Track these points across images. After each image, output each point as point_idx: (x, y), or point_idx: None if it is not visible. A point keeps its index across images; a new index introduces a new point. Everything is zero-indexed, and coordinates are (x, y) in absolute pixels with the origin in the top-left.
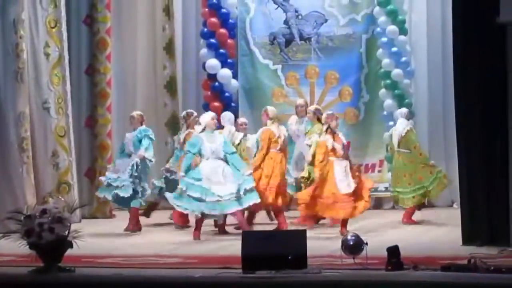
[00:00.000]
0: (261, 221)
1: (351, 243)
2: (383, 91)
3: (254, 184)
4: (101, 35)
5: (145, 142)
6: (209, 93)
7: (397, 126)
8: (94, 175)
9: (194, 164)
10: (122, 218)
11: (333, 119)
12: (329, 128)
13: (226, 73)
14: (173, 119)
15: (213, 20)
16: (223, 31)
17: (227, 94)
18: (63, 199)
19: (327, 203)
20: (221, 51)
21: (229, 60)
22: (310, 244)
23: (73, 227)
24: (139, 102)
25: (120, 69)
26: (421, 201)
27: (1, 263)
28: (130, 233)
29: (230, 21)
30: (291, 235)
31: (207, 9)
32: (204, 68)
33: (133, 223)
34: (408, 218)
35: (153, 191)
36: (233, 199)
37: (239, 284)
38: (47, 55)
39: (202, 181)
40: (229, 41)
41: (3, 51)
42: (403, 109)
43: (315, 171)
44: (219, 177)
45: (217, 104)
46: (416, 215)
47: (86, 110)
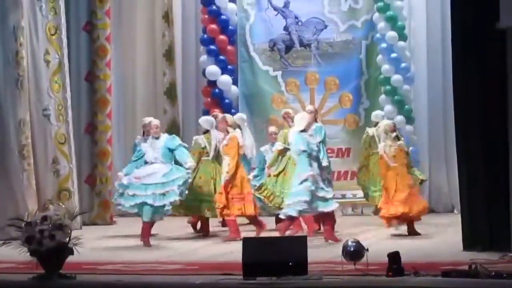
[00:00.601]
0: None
1: (352, 249)
2: (383, 97)
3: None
4: (101, 42)
5: (185, 151)
6: (209, 99)
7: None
8: (94, 181)
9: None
10: (122, 224)
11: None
12: None
13: (226, 79)
14: (173, 126)
15: (213, 26)
16: (223, 37)
17: (227, 100)
18: (63, 206)
19: None
20: (221, 57)
21: (229, 66)
22: (310, 250)
23: (74, 234)
24: (139, 108)
25: (120, 76)
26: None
27: (2, 270)
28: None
29: (230, 27)
30: (291, 241)
31: (206, 16)
32: (204, 74)
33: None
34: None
35: None
36: None
37: None
38: (47, 62)
39: None
40: (229, 48)
41: (3, 59)
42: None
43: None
44: None
45: (217, 110)
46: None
47: (86, 116)
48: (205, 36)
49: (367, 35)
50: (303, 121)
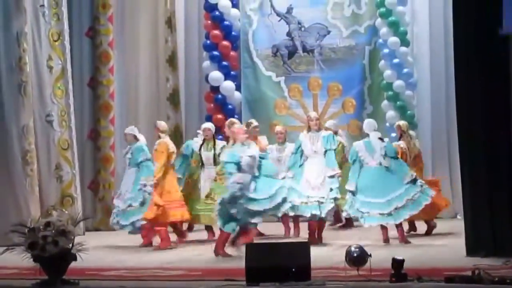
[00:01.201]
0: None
1: (355, 255)
2: (385, 102)
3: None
4: (103, 48)
5: None
6: (212, 105)
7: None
8: (97, 187)
9: None
10: (125, 231)
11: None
12: None
13: (229, 85)
14: (176, 131)
15: (216, 32)
16: (226, 43)
17: (230, 106)
18: (66, 212)
19: None
20: (224, 63)
21: (232, 72)
22: (314, 256)
23: (77, 239)
24: (141, 114)
25: (122, 82)
26: None
27: (5, 275)
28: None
29: (233, 33)
30: (295, 247)
31: (209, 22)
32: (207, 80)
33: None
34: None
35: None
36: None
37: None
38: (50, 68)
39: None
40: (232, 53)
41: (6, 64)
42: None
43: None
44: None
45: (220, 116)
46: (418, 225)
47: (89, 122)
48: (208, 41)
49: (370, 40)
50: None
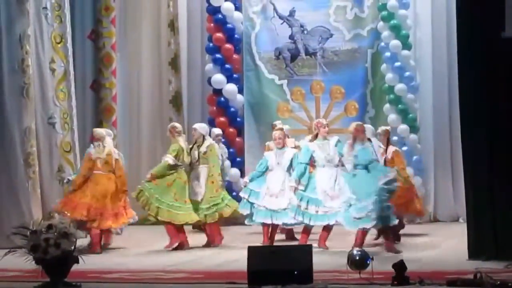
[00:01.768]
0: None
1: (357, 258)
2: (387, 106)
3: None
4: (106, 50)
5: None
6: (215, 108)
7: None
8: None
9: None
10: (128, 233)
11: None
12: None
13: (231, 88)
14: None
15: (219, 35)
16: (228, 46)
17: (232, 109)
18: (69, 214)
19: None
20: (227, 66)
21: (234, 75)
22: (316, 259)
23: (79, 242)
24: (144, 117)
25: (125, 84)
26: None
27: (7, 278)
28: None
29: (235, 36)
30: (297, 250)
31: (212, 24)
32: (209, 83)
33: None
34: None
35: None
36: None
37: None
38: (52, 71)
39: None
40: (235, 56)
41: (9, 67)
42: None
43: None
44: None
45: (222, 119)
46: (420, 228)
47: (91, 125)
48: (211, 44)
49: (372, 43)
50: None
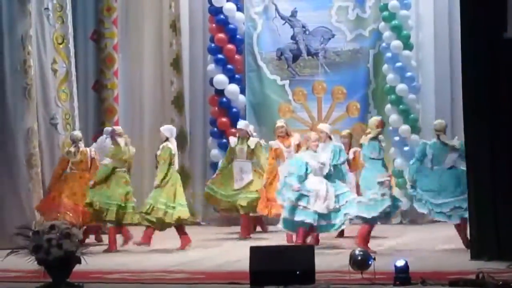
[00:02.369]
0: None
1: (359, 258)
2: (388, 106)
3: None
4: (108, 51)
5: None
6: (217, 108)
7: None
8: None
9: None
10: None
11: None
12: None
13: (233, 88)
14: (181, 135)
15: (221, 35)
16: (230, 46)
17: (234, 109)
18: (71, 215)
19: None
20: (229, 66)
21: (236, 75)
22: (318, 259)
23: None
24: (146, 117)
25: (127, 85)
26: None
27: (9, 278)
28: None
29: (237, 36)
30: (299, 250)
31: (214, 25)
32: (211, 83)
33: None
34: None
35: None
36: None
37: None
38: (54, 71)
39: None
40: (237, 57)
41: (11, 68)
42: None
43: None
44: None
45: (224, 119)
46: (422, 229)
47: (93, 126)
48: (213, 45)
49: (374, 44)
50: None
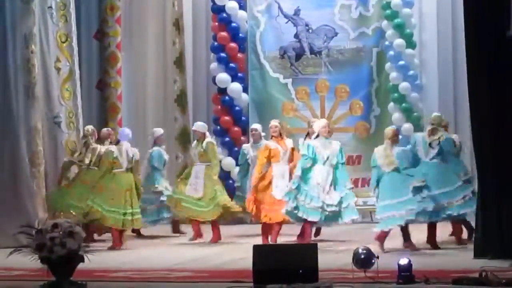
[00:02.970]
0: None
1: (362, 257)
2: (391, 104)
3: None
4: (111, 50)
5: None
6: (219, 107)
7: None
8: None
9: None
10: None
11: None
12: None
13: (236, 87)
14: (184, 133)
15: (223, 34)
16: (233, 45)
17: (237, 108)
18: (74, 214)
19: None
20: (231, 65)
21: (239, 74)
22: (321, 257)
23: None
24: (149, 116)
25: (130, 84)
26: None
27: (13, 277)
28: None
29: (240, 35)
30: (302, 248)
31: (217, 23)
32: (214, 82)
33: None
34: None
35: None
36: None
37: None
38: (58, 70)
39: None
40: (239, 55)
41: (14, 66)
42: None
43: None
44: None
45: (227, 118)
46: (426, 227)
47: (96, 124)
48: (216, 43)
49: (377, 42)
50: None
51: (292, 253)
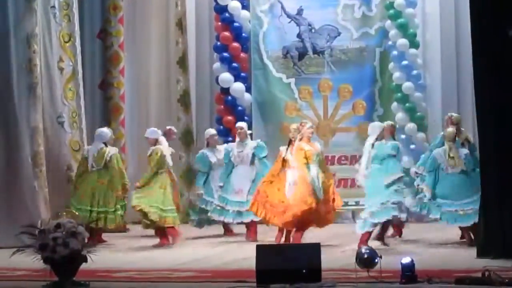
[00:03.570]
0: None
1: (365, 256)
2: (395, 104)
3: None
4: (114, 49)
5: None
6: (222, 107)
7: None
8: None
9: None
10: (136, 232)
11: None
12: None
13: (239, 87)
14: (187, 133)
15: (226, 34)
16: (236, 45)
17: (240, 108)
18: (77, 214)
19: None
20: (234, 65)
21: (242, 74)
22: (324, 257)
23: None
24: (152, 116)
25: (133, 84)
26: None
27: (15, 277)
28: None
29: (243, 35)
30: (305, 248)
31: (220, 23)
32: (217, 82)
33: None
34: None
35: None
36: None
37: None
38: (61, 70)
39: None
40: (242, 55)
41: (17, 66)
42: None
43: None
44: None
45: (230, 118)
46: (429, 227)
47: (99, 124)
48: (218, 43)
49: (380, 42)
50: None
51: (295, 253)
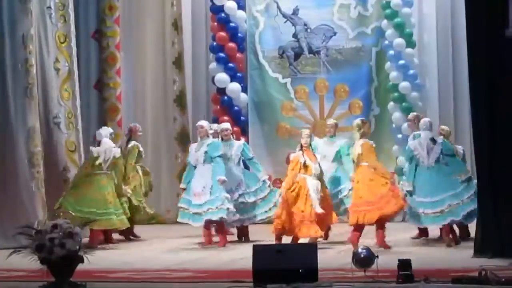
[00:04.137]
0: None
1: (362, 256)
2: (391, 104)
3: None
4: (110, 50)
5: None
6: (219, 107)
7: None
8: None
9: None
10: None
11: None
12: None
13: (235, 87)
14: (183, 134)
15: (222, 34)
16: (232, 45)
17: (236, 108)
18: (74, 214)
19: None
20: (230, 65)
21: (238, 74)
22: (321, 257)
23: (84, 242)
24: (148, 116)
25: (129, 84)
26: None
27: (12, 278)
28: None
29: (239, 35)
30: (302, 248)
31: (216, 23)
32: (213, 82)
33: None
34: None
35: None
36: None
37: None
38: (56, 70)
39: None
40: (238, 55)
41: (12, 67)
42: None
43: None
44: None
45: (226, 118)
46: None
47: (96, 125)
48: (214, 43)
49: (376, 42)
50: None
51: (292, 253)
